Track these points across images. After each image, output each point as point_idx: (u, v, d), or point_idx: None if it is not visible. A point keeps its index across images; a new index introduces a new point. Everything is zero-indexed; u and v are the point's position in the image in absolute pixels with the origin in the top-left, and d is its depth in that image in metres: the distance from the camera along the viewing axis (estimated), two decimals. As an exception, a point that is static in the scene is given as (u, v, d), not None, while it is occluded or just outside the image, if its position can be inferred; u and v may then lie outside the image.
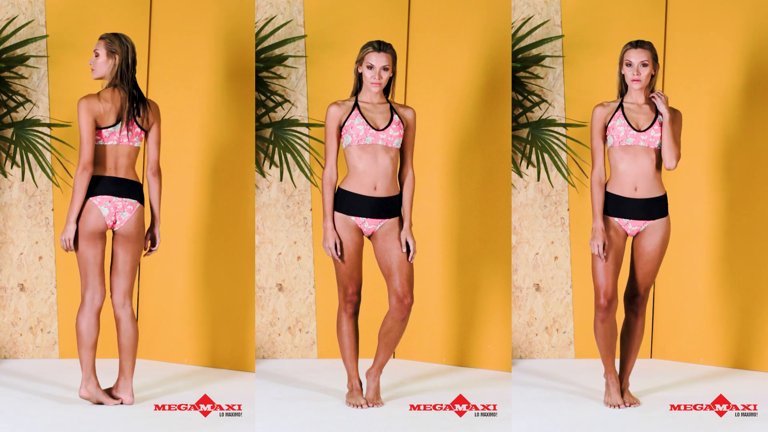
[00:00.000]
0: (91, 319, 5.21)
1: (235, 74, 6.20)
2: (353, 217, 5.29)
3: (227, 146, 6.22)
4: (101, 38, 5.21)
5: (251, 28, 6.12)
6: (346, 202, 5.28)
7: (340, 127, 5.28)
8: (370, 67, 5.25)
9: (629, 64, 5.28)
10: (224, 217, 6.24)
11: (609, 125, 5.30)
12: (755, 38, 6.18)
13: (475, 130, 6.31)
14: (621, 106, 5.29)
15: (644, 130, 5.26)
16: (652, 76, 5.29)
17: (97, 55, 5.20)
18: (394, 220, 5.34)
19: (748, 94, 6.20)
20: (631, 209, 5.28)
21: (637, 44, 5.28)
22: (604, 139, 5.33)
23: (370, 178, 5.27)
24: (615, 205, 5.29)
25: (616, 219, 5.30)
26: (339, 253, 5.29)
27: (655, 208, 5.30)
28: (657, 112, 5.29)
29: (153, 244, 5.37)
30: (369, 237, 5.35)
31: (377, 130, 5.26)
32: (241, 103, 6.17)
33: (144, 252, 5.40)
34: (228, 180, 6.23)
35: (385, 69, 5.25)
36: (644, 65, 5.26)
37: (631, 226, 5.31)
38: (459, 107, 6.33)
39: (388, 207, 5.31)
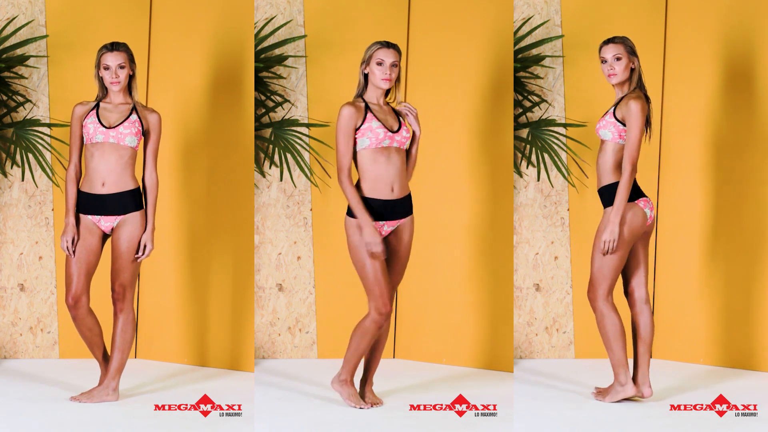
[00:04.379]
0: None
1: (235, 74, 6.20)
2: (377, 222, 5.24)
3: (227, 146, 6.22)
4: (116, 50, 5.31)
5: (251, 28, 6.12)
6: (369, 207, 5.20)
7: (355, 130, 5.18)
8: (380, 63, 5.16)
9: (604, 61, 5.35)
10: (224, 217, 6.24)
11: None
12: (754, 38, 6.18)
13: (476, 131, 6.31)
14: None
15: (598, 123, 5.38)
16: (632, 69, 5.33)
17: (122, 67, 5.34)
18: (407, 220, 5.31)
19: (747, 94, 6.20)
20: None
21: (608, 41, 5.35)
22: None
23: (387, 181, 5.22)
24: None
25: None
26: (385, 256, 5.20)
27: (604, 196, 5.37)
28: (615, 105, 5.35)
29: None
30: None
31: (393, 132, 5.23)
32: (241, 103, 6.17)
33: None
34: (228, 180, 6.23)
35: (394, 65, 5.20)
36: (617, 59, 5.30)
37: None
38: (460, 107, 6.33)
39: (404, 207, 5.29)
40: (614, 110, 5.30)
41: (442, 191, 6.36)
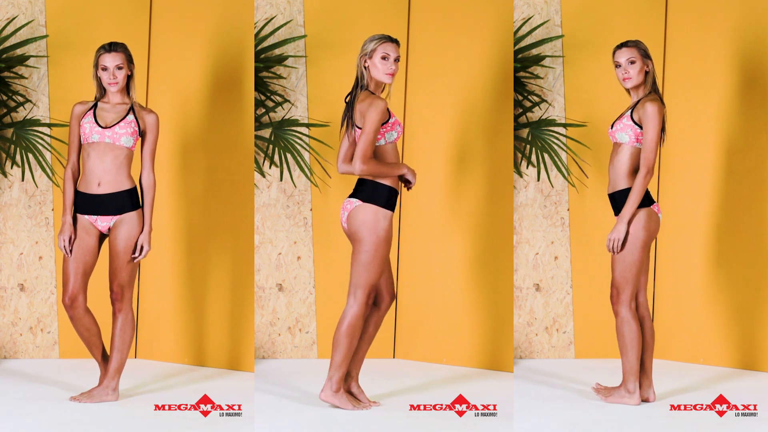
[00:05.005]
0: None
1: (235, 74, 6.20)
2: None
3: (227, 146, 6.22)
4: (114, 51, 5.30)
5: (251, 28, 6.12)
6: (392, 199, 5.21)
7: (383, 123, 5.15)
8: (385, 58, 5.13)
9: (618, 65, 5.32)
10: (224, 217, 6.24)
11: None
12: (753, 38, 6.18)
13: (477, 131, 6.31)
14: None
15: (612, 126, 5.34)
16: (647, 72, 5.32)
17: (120, 68, 5.32)
18: None
19: (747, 94, 6.20)
20: (612, 205, 5.35)
21: (623, 44, 5.33)
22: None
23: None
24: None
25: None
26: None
27: (618, 201, 5.32)
28: (629, 108, 5.32)
29: None
30: None
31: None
32: (240, 103, 6.17)
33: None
34: (228, 180, 6.23)
35: (397, 60, 5.17)
36: (631, 62, 5.29)
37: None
38: (460, 107, 6.33)
39: None
40: (631, 113, 5.28)
41: (442, 191, 6.36)
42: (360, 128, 5.12)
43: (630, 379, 5.31)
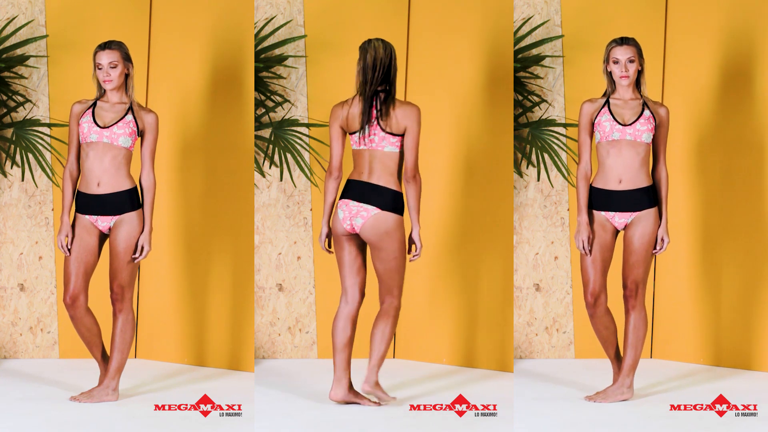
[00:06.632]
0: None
1: (234, 74, 6.20)
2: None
3: (227, 146, 6.22)
4: (109, 48, 5.28)
5: (251, 28, 6.12)
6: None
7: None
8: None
9: (616, 62, 5.34)
10: (224, 217, 6.24)
11: (595, 121, 5.38)
12: (755, 38, 6.18)
13: (477, 131, 6.31)
14: (608, 101, 5.39)
15: (630, 124, 5.33)
16: (639, 71, 5.37)
17: (114, 66, 5.29)
18: None
19: (747, 94, 6.19)
20: (617, 201, 5.34)
21: (623, 41, 5.37)
22: (591, 134, 5.43)
23: None
24: (601, 199, 5.37)
25: (603, 213, 5.36)
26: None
27: (640, 199, 5.33)
28: (643, 107, 5.35)
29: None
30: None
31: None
32: (240, 103, 6.17)
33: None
34: (228, 180, 6.23)
35: None
36: (631, 61, 5.33)
37: (617, 218, 5.36)
38: (460, 107, 6.33)
39: None
40: (651, 115, 5.35)
41: (442, 191, 6.36)
42: (391, 134, 5.17)
43: (632, 373, 5.38)
